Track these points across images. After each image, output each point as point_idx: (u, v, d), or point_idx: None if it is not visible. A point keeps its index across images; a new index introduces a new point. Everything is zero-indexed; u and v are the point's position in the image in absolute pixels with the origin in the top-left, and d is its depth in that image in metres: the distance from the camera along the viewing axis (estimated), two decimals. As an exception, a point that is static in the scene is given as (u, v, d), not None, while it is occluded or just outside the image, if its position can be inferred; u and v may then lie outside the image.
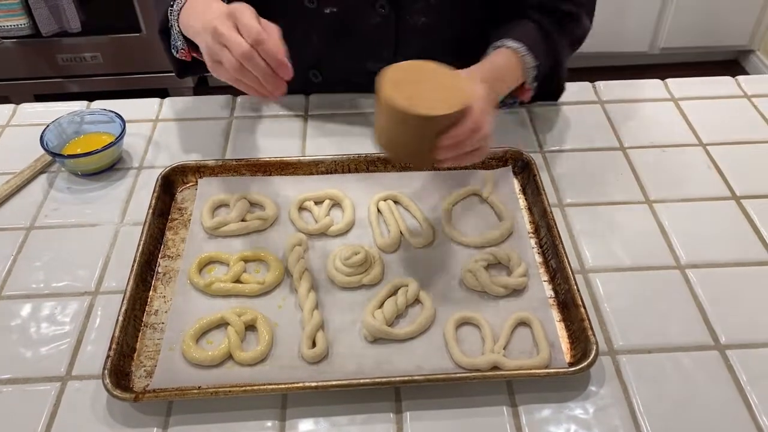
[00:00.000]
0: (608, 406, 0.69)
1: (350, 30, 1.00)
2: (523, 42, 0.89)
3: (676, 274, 0.82)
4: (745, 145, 1.01)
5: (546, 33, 0.92)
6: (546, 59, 0.91)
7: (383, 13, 0.96)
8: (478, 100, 0.73)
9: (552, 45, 0.92)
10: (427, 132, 0.70)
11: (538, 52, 0.89)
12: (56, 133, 0.97)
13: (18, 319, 0.78)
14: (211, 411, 0.69)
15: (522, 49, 0.88)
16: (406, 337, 0.74)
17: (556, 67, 0.95)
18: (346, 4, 0.97)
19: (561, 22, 0.93)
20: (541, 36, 0.91)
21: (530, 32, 0.91)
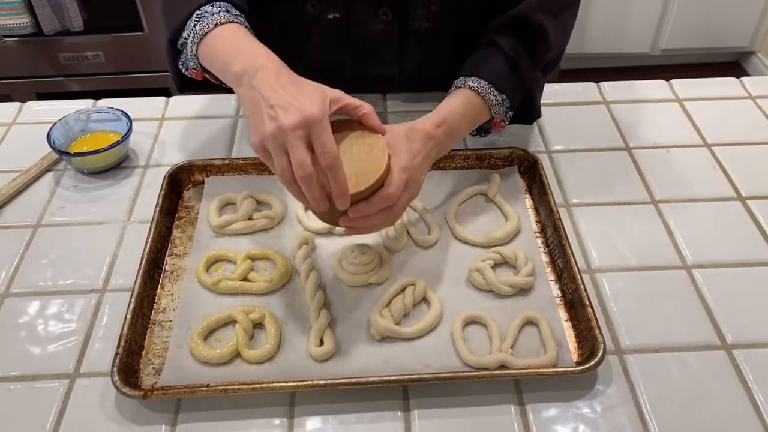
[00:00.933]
0: (615, 405, 0.69)
1: (353, 36, 1.00)
2: (488, 79, 0.86)
3: (682, 274, 0.82)
4: (750, 146, 1.01)
5: (515, 63, 0.88)
6: (515, 91, 0.89)
7: (386, 20, 0.96)
8: (398, 171, 0.71)
9: (521, 75, 0.89)
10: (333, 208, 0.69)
11: (504, 86, 0.87)
12: (63, 131, 0.97)
13: (26, 317, 0.78)
14: (219, 408, 0.69)
15: (485, 88, 0.85)
16: (413, 335, 0.74)
17: (528, 96, 0.92)
18: (349, 10, 0.97)
19: (531, 44, 0.89)
20: (509, 67, 0.88)
21: (498, 66, 0.88)
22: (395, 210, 0.72)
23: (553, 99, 1.10)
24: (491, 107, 0.87)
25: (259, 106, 0.67)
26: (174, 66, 0.86)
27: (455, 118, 0.83)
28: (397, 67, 1.03)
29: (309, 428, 0.68)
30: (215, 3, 0.81)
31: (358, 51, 1.02)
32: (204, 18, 0.79)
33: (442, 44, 1.00)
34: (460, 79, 0.88)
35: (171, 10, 0.84)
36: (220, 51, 0.76)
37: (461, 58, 0.95)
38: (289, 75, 0.70)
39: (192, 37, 0.79)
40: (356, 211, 0.69)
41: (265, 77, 0.69)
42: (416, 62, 1.02)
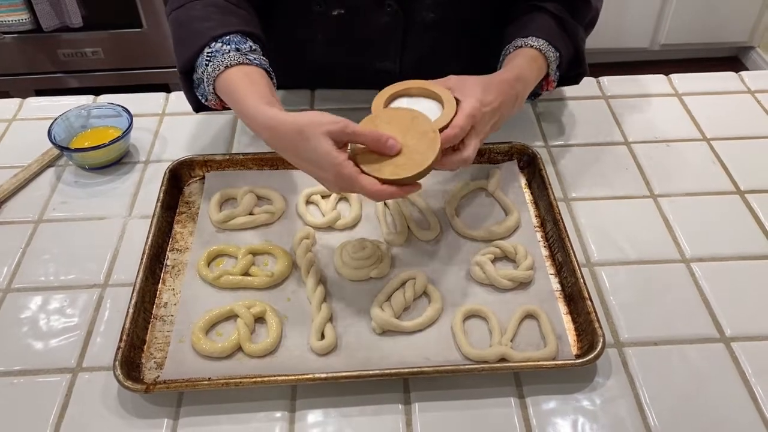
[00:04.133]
0: (615, 397, 0.69)
1: (358, 30, 1.00)
2: (543, 37, 0.89)
3: (681, 268, 0.82)
4: (749, 140, 1.02)
5: (562, 22, 0.91)
6: (566, 49, 0.92)
7: (391, 12, 0.96)
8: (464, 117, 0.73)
9: (570, 33, 0.92)
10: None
11: (558, 43, 0.90)
12: (64, 126, 0.97)
13: (28, 312, 0.78)
14: (221, 402, 0.69)
15: (544, 45, 0.88)
16: (414, 329, 0.74)
17: (577, 53, 0.95)
18: (353, 5, 0.97)
19: (574, 8, 0.93)
20: (559, 26, 0.91)
21: (548, 25, 0.91)
22: (465, 154, 0.74)
23: (553, 94, 1.10)
24: (549, 64, 0.90)
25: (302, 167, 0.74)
26: (191, 92, 0.88)
27: (528, 75, 0.86)
28: (399, 61, 1.03)
29: (310, 421, 0.68)
30: (225, 37, 0.82)
31: (361, 46, 1.02)
32: (215, 58, 0.80)
33: (446, 36, 1.01)
34: (517, 40, 0.90)
35: (183, 42, 0.85)
36: (232, 102, 0.79)
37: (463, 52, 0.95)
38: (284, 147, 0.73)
39: (206, 78, 0.81)
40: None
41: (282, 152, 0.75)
42: (418, 56, 1.02)
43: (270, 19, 0.99)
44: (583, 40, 0.96)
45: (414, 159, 0.71)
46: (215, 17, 0.84)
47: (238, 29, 0.83)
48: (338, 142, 0.70)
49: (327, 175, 0.71)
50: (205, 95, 0.85)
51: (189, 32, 0.85)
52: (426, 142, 0.72)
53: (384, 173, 0.70)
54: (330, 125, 0.70)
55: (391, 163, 0.71)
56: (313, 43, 1.02)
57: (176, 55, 0.86)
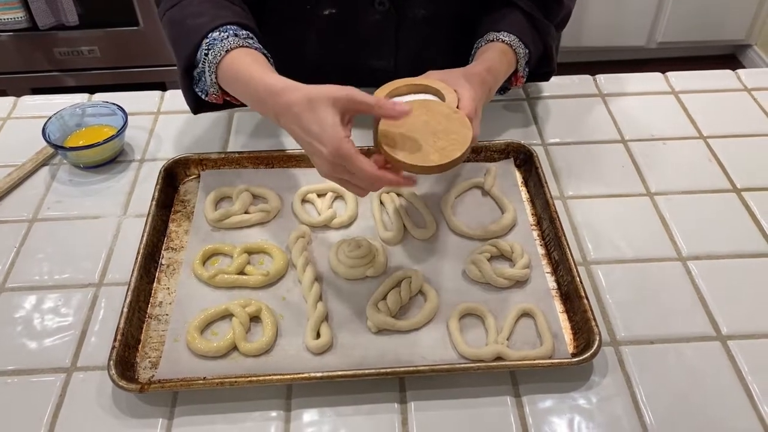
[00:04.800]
0: (611, 396, 0.69)
1: (350, 29, 0.99)
2: (515, 33, 0.90)
3: (677, 266, 0.82)
4: (746, 138, 1.02)
5: (533, 20, 0.93)
6: (536, 46, 0.93)
7: (383, 10, 0.96)
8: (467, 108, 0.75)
9: (541, 31, 0.94)
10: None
11: (528, 40, 0.91)
12: (58, 125, 0.97)
13: (22, 311, 0.78)
14: (216, 402, 0.69)
15: (515, 41, 0.90)
16: (410, 328, 0.74)
17: (546, 51, 0.96)
18: (344, 4, 0.97)
19: (546, 5, 0.95)
20: (529, 24, 0.93)
21: (519, 21, 0.92)
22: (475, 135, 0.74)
23: (549, 92, 1.10)
24: (518, 60, 0.91)
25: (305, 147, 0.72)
26: (190, 91, 0.87)
27: (499, 68, 0.87)
28: (393, 59, 1.03)
29: (306, 420, 0.68)
30: (222, 28, 0.82)
31: (354, 45, 1.02)
32: (214, 46, 0.80)
33: (438, 32, 1.01)
34: (489, 34, 0.91)
35: (179, 41, 0.85)
36: (237, 82, 0.78)
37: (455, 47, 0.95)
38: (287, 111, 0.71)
39: (208, 67, 0.81)
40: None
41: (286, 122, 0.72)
42: (411, 53, 1.02)
43: (262, 17, 0.99)
44: (553, 38, 0.98)
45: (454, 139, 0.70)
46: (209, 12, 0.84)
47: (233, 21, 0.83)
48: (344, 116, 0.69)
49: (324, 149, 0.68)
50: (206, 89, 0.84)
51: (184, 29, 0.84)
52: (456, 122, 0.72)
53: (432, 159, 0.69)
54: (336, 92, 0.68)
55: (434, 149, 0.70)
56: (306, 43, 1.02)
57: (175, 54, 0.85)
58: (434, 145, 0.70)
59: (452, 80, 0.79)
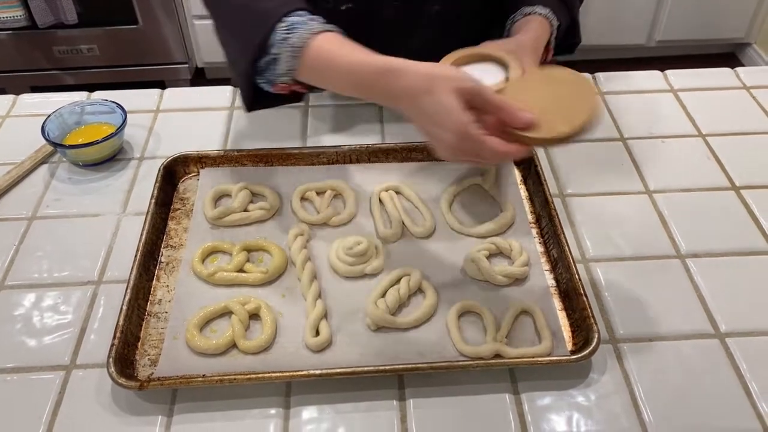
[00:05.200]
0: (610, 393, 0.69)
1: (367, 23, 0.99)
2: (549, 6, 0.92)
3: (676, 264, 0.82)
4: (744, 136, 1.02)
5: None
6: (564, 19, 0.95)
7: (398, 5, 0.97)
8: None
9: (568, 4, 0.96)
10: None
11: (558, 13, 0.93)
12: (57, 123, 0.97)
13: (21, 309, 0.78)
14: (215, 399, 0.69)
15: (550, 14, 0.92)
16: (408, 325, 0.74)
17: (573, 22, 0.99)
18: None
19: None
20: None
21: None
22: None
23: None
24: (552, 33, 0.93)
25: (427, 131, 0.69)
26: (250, 84, 0.80)
27: (542, 39, 0.90)
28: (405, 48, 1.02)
29: (305, 418, 0.68)
30: (297, 12, 0.75)
31: (368, 38, 1.01)
32: (296, 29, 0.74)
33: (452, 27, 1.01)
34: (525, 8, 0.92)
35: (245, 26, 0.78)
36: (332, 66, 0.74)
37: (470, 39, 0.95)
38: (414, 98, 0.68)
39: (289, 51, 0.74)
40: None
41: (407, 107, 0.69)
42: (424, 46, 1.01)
43: None
44: (578, 10, 1.00)
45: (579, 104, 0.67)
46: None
47: (304, 6, 0.77)
48: (465, 103, 0.66)
49: (446, 134, 0.66)
50: (274, 78, 0.77)
51: (250, 13, 0.77)
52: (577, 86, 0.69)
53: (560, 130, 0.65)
54: (462, 82, 0.66)
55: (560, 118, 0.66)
56: None
57: (239, 41, 0.78)
58: (560, 114, 0.66)
59: (510, 49, 0.81)
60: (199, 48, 2.56)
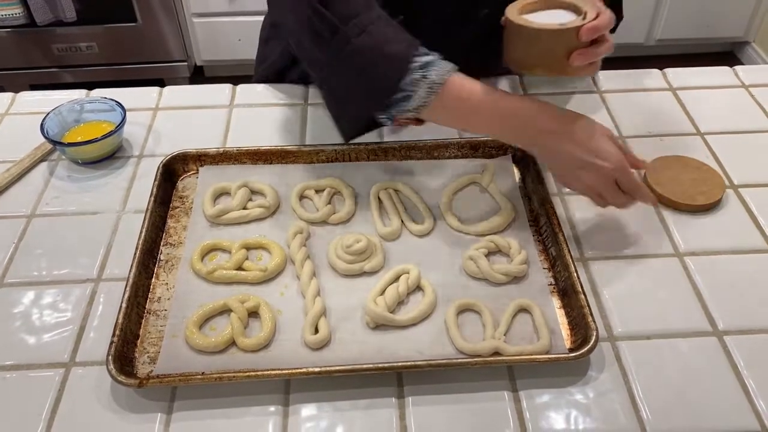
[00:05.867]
0: (608, 391, 0.70)
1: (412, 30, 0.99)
2: None
3: (674, 262, 0.82)
4: (743, 135, 1.02)
5: None
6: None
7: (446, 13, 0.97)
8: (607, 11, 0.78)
9: None
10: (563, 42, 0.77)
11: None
12: (56, 121, 0.97)
13: (20, 306, 0.78)
14: (214, 396, 0.69)
15: None
16: (407, 323, 0.74)
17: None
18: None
19: None
20: None
21: None
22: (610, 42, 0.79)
23: (547, 88, 1.10)
24: None
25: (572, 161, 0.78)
26: (367, 118, 0.81)
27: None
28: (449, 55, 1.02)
29: (304, 415, 0.68)
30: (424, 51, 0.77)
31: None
32: (433, 67, 0.76)
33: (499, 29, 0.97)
34: None
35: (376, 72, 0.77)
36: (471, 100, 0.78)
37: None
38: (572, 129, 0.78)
39: (427, 86, 0.76)
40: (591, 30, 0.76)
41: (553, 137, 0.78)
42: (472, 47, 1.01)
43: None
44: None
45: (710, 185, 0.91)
46: (401, 35, 0.78)
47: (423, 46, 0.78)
48: None
49: (605, 163, 0.76)
50: (399, 113, 0.78)
51: (383, 56, 0.77)
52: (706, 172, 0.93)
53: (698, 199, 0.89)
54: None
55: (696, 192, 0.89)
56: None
57: (374, 81, 0.78)
58: (697, 189, 0.89)
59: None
60: (198, 46, 2.56)
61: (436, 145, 0.95)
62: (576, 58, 0.77)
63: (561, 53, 0.77)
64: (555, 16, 0.79)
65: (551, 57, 0.78)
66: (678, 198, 0.88)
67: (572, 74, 0.81)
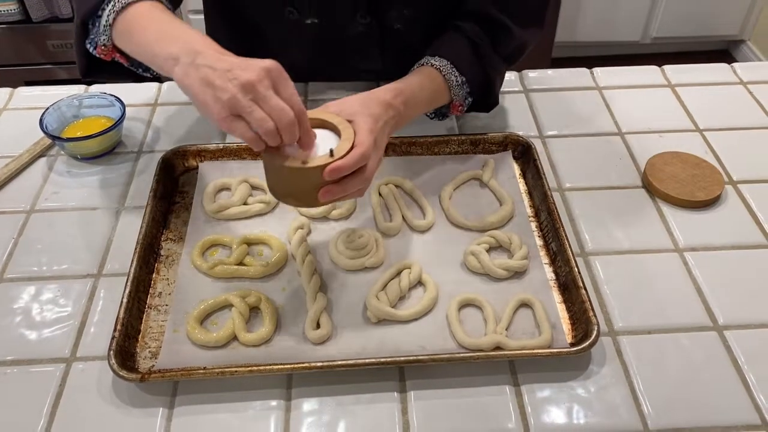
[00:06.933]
0: (609, 385, 0.70)
1: (334, 39, 1.00)
2: (450, 59, 0.87)
3: (674, 257, 0.83)
4: (741, 131, 1.02)
5: (477, 49, 0.90)
6: (476, 75, 0.90)
7: (365, 23, 0.96)
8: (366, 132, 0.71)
9: (483, 60, 0.90)
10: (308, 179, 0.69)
11: (466, 68, 0.88)
12: (55, 116, 0.96)
13: (21, 302, 0.77)
14: (216, 391, 0.69)
15: (446, 67, 0.87)
16: (409, 318, 0.75)
17: (488, 82, 0.92)
18: (326, 14, 0.96)
19: (493, 33, 0.91)
20: (472, 52, 0.89)
21: (460, 48, 0.89)
22: (367, 173, 0.71)
23: (547, 84, 1.11)
24: (451, 88, 0.88)
25: (212, 77, 0.65)
26: (81, 46, 0.80)
27: (413, 91, 0.83)
28: (380, 61, 1.02)
29: (306, 410, 0.68)
30: None
31: (341, 51, 1.02)
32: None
33: (418, 39, 0.97)
34: (424, 58, 0.89)
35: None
36: (146, 30, 0.73)
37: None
38: (229, 52, 0.68)
39: (111, 5, 0.75)
40: (334, 171, 0.67)
41: (209, 54, 0.67)
42: (398, 56, 1.01)
43: (244, 23, 1.00)
44: (498, 71, 0.94)
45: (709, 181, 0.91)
46: None
47: None
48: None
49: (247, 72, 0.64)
50: (95, 40, 0.77)
51: None
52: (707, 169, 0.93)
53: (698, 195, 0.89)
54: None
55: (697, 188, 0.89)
56: (292, 48, 1.02)
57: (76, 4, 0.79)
58: (696, 185, 0.89)
59: (349, 111, 0.74)
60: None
61: (437, 140, 0.95)
62: (322, 196, 0.69)
63: (307, 189, 0.69)
64: (321, 140, 0.71)
65: (298, 191, 0.71)
66: (678, 194, 0.89)
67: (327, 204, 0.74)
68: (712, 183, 0.90)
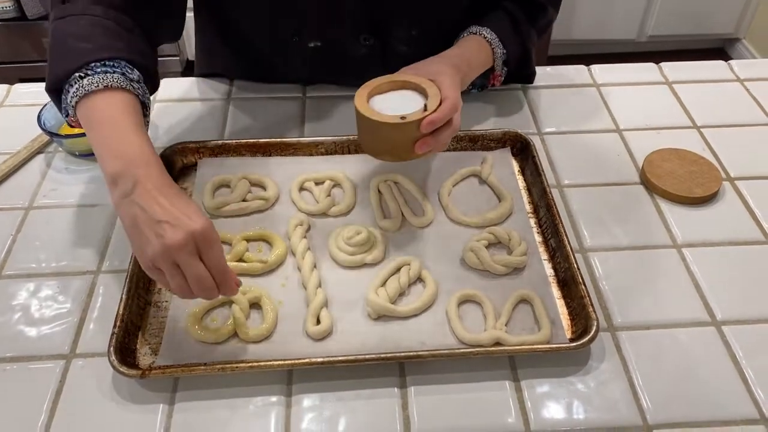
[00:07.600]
0: (608, 380, 0.70)
1: (338, 60, 1.01)
2: (496, 33, 0.94)
3: (672, 253, 0.83)
4: (739, 128, 1.03)
5: (516, 23, 0.96)
6: (516, 48, 0.96)
7: (368, 45, 0.98)
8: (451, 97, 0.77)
9: (522, 35, 0.97)
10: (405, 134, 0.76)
11: (508, 42, 0.94)
12: (53, 113, 0.96)
13: (20, 298, 0.77)
14: (217, 387, 0.69)
15: (495, 40, 0.93)
16: (409, 314, 0.75)
17: (526, 54, 1.00)
18: (329, 38, 0.98)
19: (531, 12, 0.98)
20: (512, 26, 0.96)
21: (502, 23, 0.96)
22: (455, 124, 0.78)
23: (545, 81, 1.11)
24: (495, 59, 0.95)
25: (141, 223, 0.64)
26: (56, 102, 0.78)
27: (472, 56, 0.91)
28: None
29: (306, 405, 0.68)
30: (112, 62, 0.72)
31: (342, 70, 1.03)
32: (95, 75, 0.71)
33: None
34: (473, 27, 0.94)
35: (55, 59, 0.76)
36: (101, 129, 0.70)
37: None
38: (169, 185, 0.66)
39: (75, 90, 0.71)
40: (430, 123, 0.74)
41: (145, 190, 0.64)
42: None
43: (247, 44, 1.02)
44: (534, 43, 1.01)
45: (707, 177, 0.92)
46: (97, 39, 0.74)
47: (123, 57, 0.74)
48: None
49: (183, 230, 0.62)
50: (66, 109, 0.75)
51: (64, 49, 0.75)
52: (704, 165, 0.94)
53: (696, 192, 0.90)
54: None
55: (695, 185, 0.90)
56: (294, 67, 1.04)
57: (48, 68, 0.76)
58: (694, 182, 0.89)
59: (428, 71, 0.80)
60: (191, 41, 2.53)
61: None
62: (419, 147, 0.76)
63: (404, 143, 0.76)
64: (402, 100, 0.78)
65: (395, 146, 0.78)
66: (675, 190, 0.89)
67: (421, 157, 0.79)
68: (710, 179, 0.91)
